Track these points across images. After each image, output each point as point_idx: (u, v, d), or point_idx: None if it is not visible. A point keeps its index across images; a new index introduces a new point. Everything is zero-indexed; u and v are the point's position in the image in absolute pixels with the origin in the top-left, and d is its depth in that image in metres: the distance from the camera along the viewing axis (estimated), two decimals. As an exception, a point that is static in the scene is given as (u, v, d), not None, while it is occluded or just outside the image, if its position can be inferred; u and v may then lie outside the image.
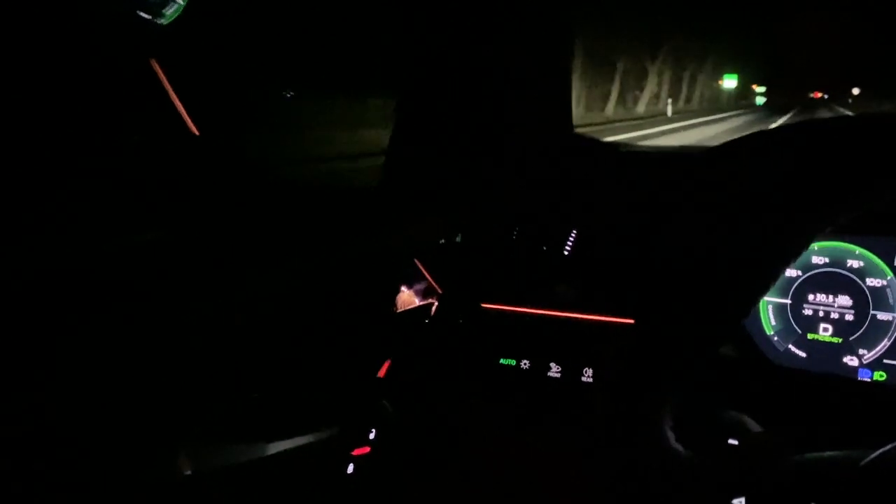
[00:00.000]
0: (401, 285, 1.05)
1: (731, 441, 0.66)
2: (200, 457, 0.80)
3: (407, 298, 1.05)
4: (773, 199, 0.74)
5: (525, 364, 1.01)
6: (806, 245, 0.70)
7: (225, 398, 0.85)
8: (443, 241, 1.13)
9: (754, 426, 0.73)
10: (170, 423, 0.80)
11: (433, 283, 1.09)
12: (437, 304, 1.09)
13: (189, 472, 0.79)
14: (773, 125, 0.89)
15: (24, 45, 0.85)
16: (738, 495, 0.55)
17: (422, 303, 1.07)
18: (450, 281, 1.10)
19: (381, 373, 1.01)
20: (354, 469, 0.94)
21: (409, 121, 1.16)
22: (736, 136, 1.02)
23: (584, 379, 0.98)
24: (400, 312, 1.04)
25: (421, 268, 1.08)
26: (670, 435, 0.60)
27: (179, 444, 0.79)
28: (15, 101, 0.84)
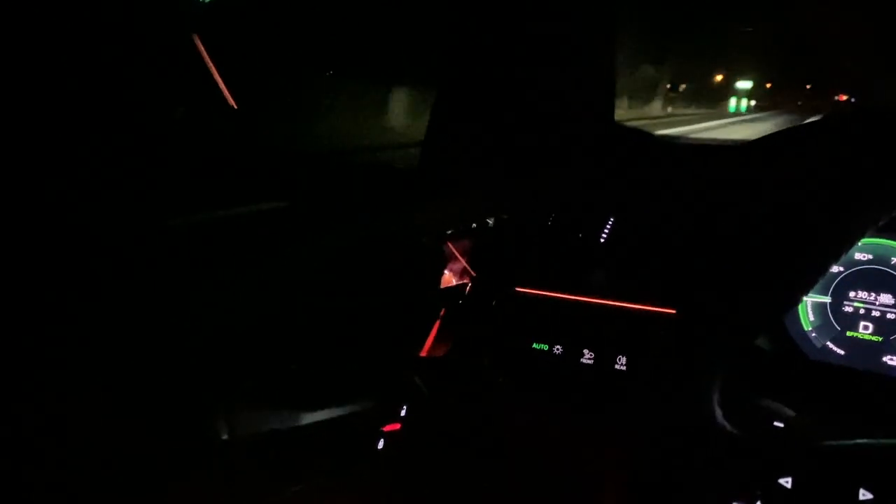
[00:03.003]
0: (443, 266, 1.05)
1: (776, 423, 0.66)
2: (238, 422, 0.81)
3: (445, 278, 1.06)
4: (818, 193, 0.73)
5: (558, 349, 1.01)
6: (853, 242, 0.70)
7: (263, 367, 0.86)
8: (474, 225, 1.13)
9: (793, 417, 0.72)
10: (210, 389, 0.81)
11: (467, 266, 1.09)
12: (470, 285, 1.09)
13: (225, 437, 0.80)
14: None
15: (70, 22, 0.86)
16: (785, 475, 0.55)
17: (457, 283, 1.08)
18: (484, 264, 1.10)
19: (423, 352, 1.01)
20: (384, 444, 0.95)
21: (449, 105, 1.16)
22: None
23: (617, 366, 0.97)
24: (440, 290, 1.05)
25: (455, 251, 1.08)
26: (718, 412, 0.60)
27: (218, 410, 0.80)
28: (58, 77, 0.86)
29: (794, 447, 0.57)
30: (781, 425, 0.65)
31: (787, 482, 0.55)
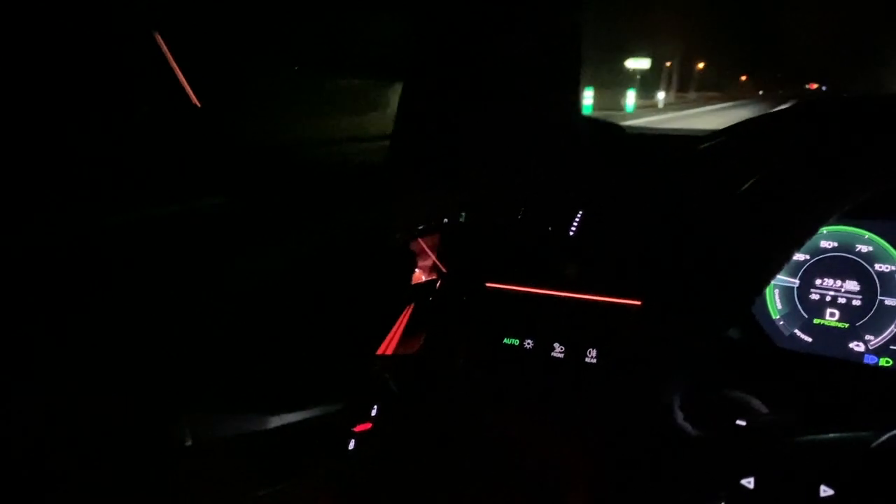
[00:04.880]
0: (413, 262, 1.04)
1: (738, 422, 0.66)
2: (202, 427, 0.80)
3: (415, 274, 1.05)
4: (780, 182, 0.73)
5: (528, 343, 1.00)
6: (814, 231, 0.70)
7: (230, 370, 0.84)
8: (446, 220, 1.12)
9: (761, 407, 0.73)
10: (173, 394, 0.80)
11: (437, 261, 1.09)
12: (440, 281, 1.08)
13: (190, 443, 0.79)
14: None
15: (31, 19, 0.84)
16: (747, 475, 0.55)
17: (427, 279, 1.07)
18: (454, 259, 1.09)
19: (386, 349, 1.00)
20: (355, 445, 0.94)
21: (415, 99, 1.15)
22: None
23: (587, 359, 0.97)
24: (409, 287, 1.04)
25: (424, 246, 1.08)
26: (679, 414, 0.60)
27: (182, 415, 0.79)
28: (21, 75, 0.84)
29: (756, 447, 0.57)
30: (744, 424, 0.65)
31: (749, 482, 0.55)
